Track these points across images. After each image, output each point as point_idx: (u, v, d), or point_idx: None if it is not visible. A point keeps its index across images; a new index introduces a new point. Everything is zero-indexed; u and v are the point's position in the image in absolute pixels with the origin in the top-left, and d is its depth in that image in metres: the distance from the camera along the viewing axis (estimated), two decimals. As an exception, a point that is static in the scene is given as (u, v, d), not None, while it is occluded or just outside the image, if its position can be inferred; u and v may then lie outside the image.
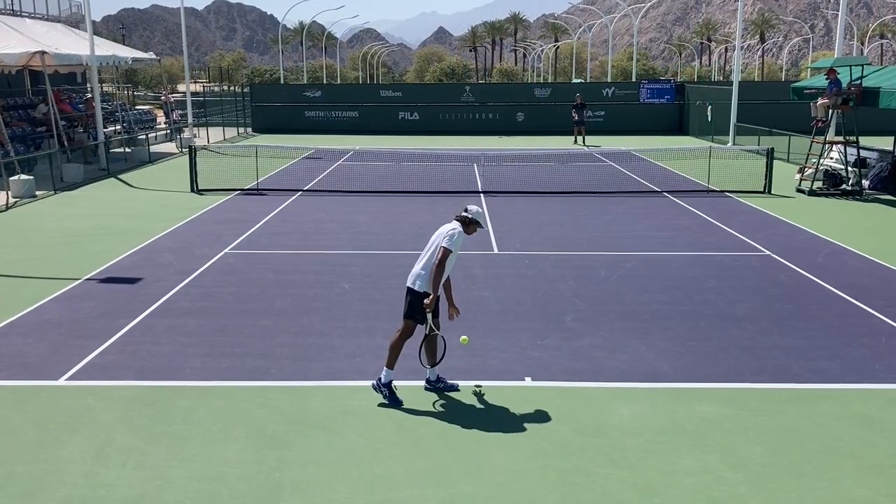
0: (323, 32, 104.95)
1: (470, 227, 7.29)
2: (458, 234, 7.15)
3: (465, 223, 7.26)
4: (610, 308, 10.11)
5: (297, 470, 6.05)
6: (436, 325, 7.24)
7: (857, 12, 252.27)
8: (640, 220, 16.10)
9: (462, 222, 7.26)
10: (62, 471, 6.01)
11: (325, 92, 41.32)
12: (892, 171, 20.03)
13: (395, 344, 7.24)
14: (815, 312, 9.95)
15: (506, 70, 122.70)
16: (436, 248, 7.15)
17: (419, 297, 7.15)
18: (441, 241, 7.09)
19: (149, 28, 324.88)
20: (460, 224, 7.25)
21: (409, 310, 7.23)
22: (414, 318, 7.22)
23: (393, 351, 7.23)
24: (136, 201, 18.58)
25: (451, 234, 7.11)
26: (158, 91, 67.77)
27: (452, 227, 7.21)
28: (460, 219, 7.28)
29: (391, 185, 20.57)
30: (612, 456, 6.27)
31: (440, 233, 7.23)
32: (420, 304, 7.14)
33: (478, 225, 7.32)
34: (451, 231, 7.15)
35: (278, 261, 12.65)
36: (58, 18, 31.17)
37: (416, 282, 7.18)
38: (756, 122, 29.86)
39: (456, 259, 7.27)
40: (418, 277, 7.18)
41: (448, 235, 7.11)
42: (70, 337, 8.97)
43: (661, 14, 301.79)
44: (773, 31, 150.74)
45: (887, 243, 14.00)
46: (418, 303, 7.16)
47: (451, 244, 7.07)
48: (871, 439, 6.55)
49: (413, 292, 7.19)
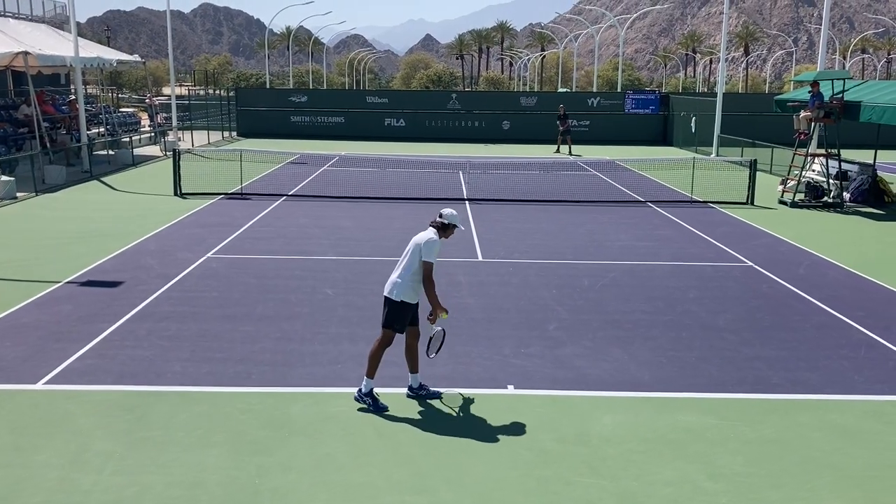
0: (310, 38, 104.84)
1: (447, 231, 7.25)
2: (435, 242, 7.10)
3: (442, 228, 7.22)
4: (593, 317, 10.13)
5: (277, 476, 6.00)
6: (433, 332, 7.23)
7: (840, 27, 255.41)
8: (624, 230, 16.16)
9: (438, 228, 7.21)
10: (38, 476, 5.93)
11: (311, 97, 41.24)
12: (872, 184, 20.26)
13: (374, 353, 7.21)
14: (795, 323, 10.02)
15: (492, 78, 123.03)
16: (412, 256, 7.10)
17: (396, 306, 7.11)
18: (423, 256, 7.04)
19: (134, 30, 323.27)
20: (436, 230, 7.20)
21: (388, 319, 7.19)
22: (392, 328, 7.19)
23: (372, 360, 7.21)
24: (118, 204, 18.44)
25: (429, 245, 7.05)
26: (143, 94, 67.41)
27: (429, 235, 7.14)
28: (436, 225, 7.22)
29: (376, 191, 20.54)
30: (593, 465, 6.27)
31: (417, 241, 7.16)
32: (398, 314, 7.11)
33: (454, 227, 7.28)
34: (429, 241, 7.08)
35: (261, 266, 12.59)
36: (42, 19, 30.97)
37: (392, 291, 7.14)
38: (739, 133, 30.11)
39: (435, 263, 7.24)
40: (395, 286, 7.13)
41: (427, 248, 7.04)
42: (49, 341, 8.87)
43: (646, 25, 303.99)
44: (757, 43, 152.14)
45: (867, 255, 14.14)
46: (396, 312, 7.13)
47: (433, 256, 7.03)
48: (849, 450, 6.60)
49: (390, 302, 7.15)
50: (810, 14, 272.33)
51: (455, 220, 7.28)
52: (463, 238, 14.94)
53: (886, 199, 20.06)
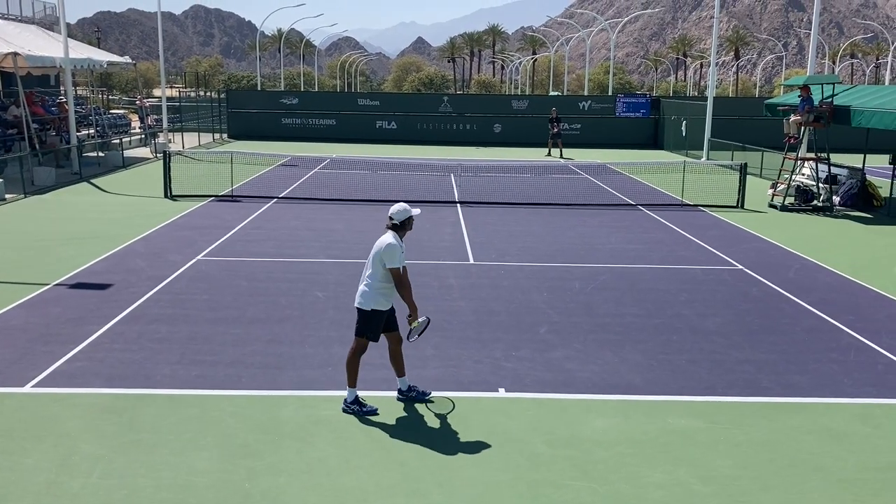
0: (301, 40, 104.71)
1: (405, 228, 7.21)
2: (394, 246, 7.02)
3: (398, 229, 7.17)
4: (584, 320, 10.14)
5: (267, 480, 5.98)
6: (414, 325, 7.23)
7: (829, 31, 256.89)
8: (615, 233, 16.19)
9: (393, 229, 7.17)
10: (25, 480, 5.89)
11: (303, 99, 41.18)
12: (861, 189, 20.36)
13: (349, 361, 7.22)
14: (785, 327, 10.05)
15: (484, 81, 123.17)
16: (374, 263, 7.08)
17: (367, 315, 7.12)
18: (387, 264, 7.00)
19: (125, 32, 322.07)
20: (393, 232, 7.15)
21: (360, 328, 7.20)
22: (366, 336, 7.20)
23: (350, 368, 7.21)
24: (108, 206, 18.35)
25: (389, 252, 6.99)
26: (133, 95, 67.18)
27: (387, 240, 7.06)
28: (391, 227, 7.17)
29: (367, 193, 20.52)
30: (583, 468, 6.27)
31: (377, 247, 7.10)
32: (370, 322, 7.13)
33: (410, 220, 7.19)
34: (388, 246, 7.02)
35: (251, 268, 12.55)
36: (31, 20, 30.83)
37: (361, 301, 7.13)
38: (730, 137, 30.21)
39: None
40: (363, 296, 7.13)
41: (388, 254, 6.99)
42: (37, 343, 8.81)
43: (637, 29, 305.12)
44: (748, 48, 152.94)
45: (857, 259, 14.21)
46: (367, 321, 7.14)
47: (397, 262, 6.99)
48: (838, 453, 6.62)
49: (362, 311, 7.15)
50: (800, 19, 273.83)
51: (405, 215, 7.15)
52: (454, 241, 14.94)
53: (875, 203, 20.17)
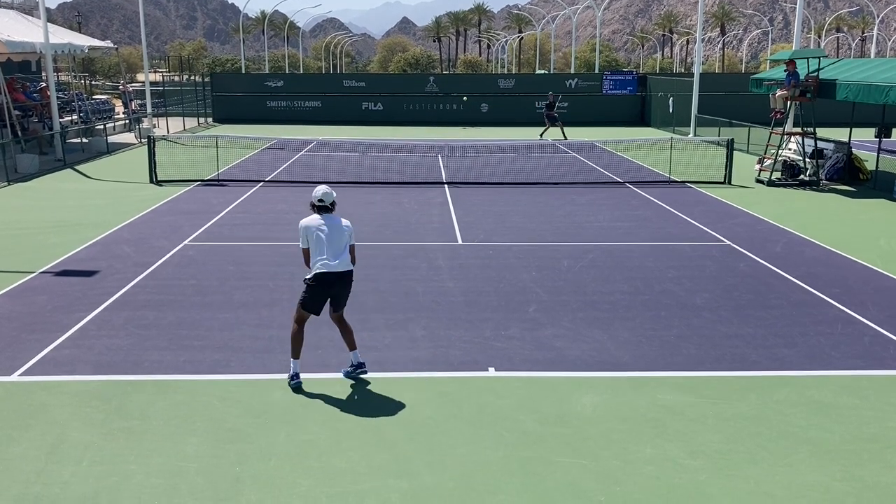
0: (285, 22, 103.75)
1: (328, 210, 7.62)
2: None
3: (322, 210, 7.61)
4: (572, 298, 10.15)
5: (258, 464, 5.97)
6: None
7: (815, 6, 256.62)
8: (603, 211, 16.20)
9: (318, 210, 7.60)
10: (14, 468, 5.86)
11: (288, 82, 40.90)
12: (847, 163, 20.43)
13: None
14: (773, 301, 10.10)
15: (470, 61, 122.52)
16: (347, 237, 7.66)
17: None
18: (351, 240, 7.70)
19: (106, 16, 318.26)
20: (318, 212, 7.61)
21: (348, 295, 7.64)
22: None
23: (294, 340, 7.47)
24: (93, 193, 18.20)
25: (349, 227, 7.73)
26: (117, 80, 66.49)
27: (345, 220, 7.76)
28: (315, 209, 7.62)
29: (354, 175, 20.43)
30: (573, 445, 6.30)
31: (347, 224, 7.73)
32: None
33: (332, 202, 7.60)
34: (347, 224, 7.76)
35: (239, 253, 12.49)
36: (10, 5, 30.42)
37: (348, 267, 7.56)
38: (716, 113, 30.23)
39: (348, 234, 7.62)
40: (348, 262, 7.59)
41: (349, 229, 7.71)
42: (24, 331, 8.75)
43: (623, 6, 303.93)
44: (734, 23, 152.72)
45: (843, 233, 14.27)
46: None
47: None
48: (826, 425, 6.67)
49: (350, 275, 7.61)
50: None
51: (327, 197, 7.66)
52: (442, 222, 14.91)
53: (861, 177, 20.24)
